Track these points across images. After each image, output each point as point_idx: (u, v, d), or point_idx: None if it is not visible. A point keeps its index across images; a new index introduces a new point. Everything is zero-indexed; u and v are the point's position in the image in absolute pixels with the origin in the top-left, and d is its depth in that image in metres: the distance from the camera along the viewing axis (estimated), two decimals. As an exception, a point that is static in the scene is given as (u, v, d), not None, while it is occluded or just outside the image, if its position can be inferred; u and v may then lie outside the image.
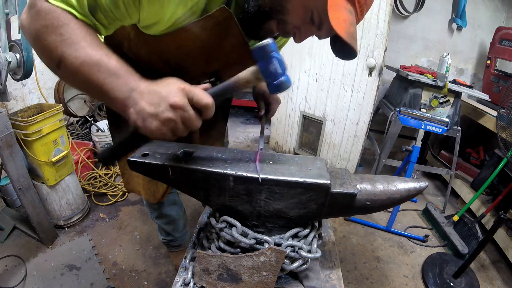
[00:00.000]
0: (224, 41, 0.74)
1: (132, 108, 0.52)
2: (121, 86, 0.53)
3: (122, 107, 0.53)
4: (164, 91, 0.51)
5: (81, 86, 0.57)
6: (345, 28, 0.59)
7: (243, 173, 0.64)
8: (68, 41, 0.52)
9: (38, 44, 0.54)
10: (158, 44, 0.74)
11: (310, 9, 0.63)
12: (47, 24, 0.52)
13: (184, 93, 0.51)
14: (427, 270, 1.72)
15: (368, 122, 2.26)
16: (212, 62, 0.82)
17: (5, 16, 1.34)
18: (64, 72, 0.55)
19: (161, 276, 1.61)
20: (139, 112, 0.51)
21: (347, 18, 0.60)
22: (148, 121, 0.51)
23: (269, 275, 0.68)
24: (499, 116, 1.74)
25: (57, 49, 0.52)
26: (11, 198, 1.92)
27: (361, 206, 0.71)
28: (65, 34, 0.52)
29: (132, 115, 0.52)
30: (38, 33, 0.53)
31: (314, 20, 0.65)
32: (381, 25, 2.01)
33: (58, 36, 0.52)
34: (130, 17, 0.61)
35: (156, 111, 0.50)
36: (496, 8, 2.65)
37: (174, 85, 0.52)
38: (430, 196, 2.55)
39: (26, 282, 1.49)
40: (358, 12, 0.64)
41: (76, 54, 0.52)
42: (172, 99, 0.50)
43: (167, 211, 1.34)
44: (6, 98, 1.42)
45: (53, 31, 0.52)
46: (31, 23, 0.53)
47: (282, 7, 0.64)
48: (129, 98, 0.52)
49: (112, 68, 0.53)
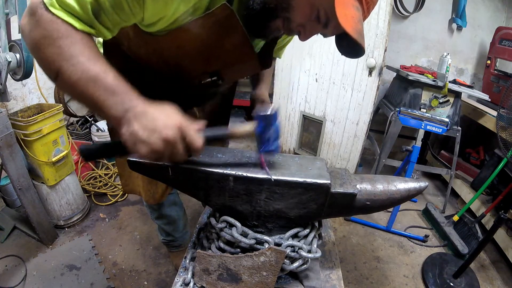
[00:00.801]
0: (225, 40, 0.72)
1: (125, 128, 0.53)
2: (117, 104, 0.53)
3: (117, 124, 0.54)
4: (162, 121, 0.52)
5: (77, 99, 0.58)
6: (353, 25, 0.58)
7: (243, 173, 0.64)
8: (66, 55, 0.52)
9: (37, 55, 0.54)
10: (158, 44, 0.73)
11: (316, 7, 0.62)
12: (46, 35, 0.51)
13: (179, 130, 0.52)
14: (427, 270, 1.72)
15: (368, 122, 2.26)
16: (212, 62, 0.81)
17: (5, 16, 1.34)
18: (61, 84, 0.55)
19: (161, 276, 1.61)
20: (131, 134, 0.52)
21: (355, 15, 0.60)
22: (138, 145, 0.52)
23: (269, 275, 0.68)
24: (499, 116, 1.74)
25: (54, 62, 0.52)
26: (11, 198, 1.92)
27: (361, 206, 0.71)
28: (64, 47, 0.52)
29: (124, 135, 0.53)
30: (37, 44, 0.52)
31: (320, 18, 0.64)
32: (381, 25, 2.01)
33: (57, 49, 0.52)
34: (134, 17, 0.60)
35: (148, 139, 0.51)
36: (496, 8, 2.65)
37: (172, 118, 0.53)
38: (430, 196, 2.55)
39: (26, 282, 1.49)
40: (365, 9, 0.63)
41: (73, 69, 0.52)
42: (167, 133, 0.51)
43: (167, 212, 1.34)
44: (6, 98, 1.42)
45: (52, 43, 0.51)
46: (31, 32, 0.53)
47: (288, 4, 0.63)
48: (124, 118, 0.53)
49: (108, 85, 0.53)
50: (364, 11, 0.64)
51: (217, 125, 0.63)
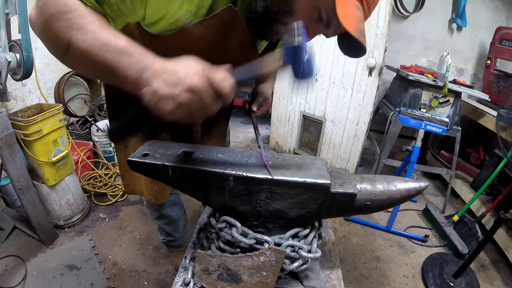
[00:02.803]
0: (229, 40, 0.73)
1: (146, 88, 0.49)
2: (132, 65, 0.50)
3: (134, 86, 0.51)
4: (183, 71, 0.48)
5: (90, 70, 0.56)
6: (354, 25, 0.58)
7: (243, 173, 0.64)
8: (75, 25, 0.51)
9: (47, 33, 0.53)
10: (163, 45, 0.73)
11: (318, 7, 0.63)
12: (55, 12, 0.51)
13: (204, 76, 0.48)
14: (427, 270, 1.72)
15: (368, 122, 2.26)
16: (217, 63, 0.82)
17: (5, 16, 1.34)
18: (73, 57, 0.54)
19: (161, 276, 1.61)
20: (154, 92, 0.48)
21: (356, 14, 0.60)
22: (163, 102, 0.48)
23: (269, 275, 0.68)
24: (499, 116, 1.74)
25: (64, 34, 0.51)
26: (11, 198, 1.92)
27: (361, 206, 0.71)
28: (72, 19, 0.51)
29: (146, 95, 0.49)
30: (46, 22, 0.52)
31: (322, 18, 0.64)
32: (381, 25, 2.01)
33: (66, 22, 0.51)
34: (135, 12, 0.60)
35: (172, 92, 0.47)
36: (496, 8, 2.65)
37: (193, 67, 0.49)
38: (430, 196, 2.55)
39: (26, 282, 1.49)
40: (366, 8, 0.64)
41: (84, 37, 0.51)
42: (191, 82, 0.47)
43: (168, 212, 1.34)
44: (6, 98, 1.42)
45: (61, 17, 0.51)
46: (40, 14, 0.53)
47: (290, 7, 0.63)
48: (141, 77, 0.50)
49: (121, 47, 0.51)
50: (365, 10, 0.64)
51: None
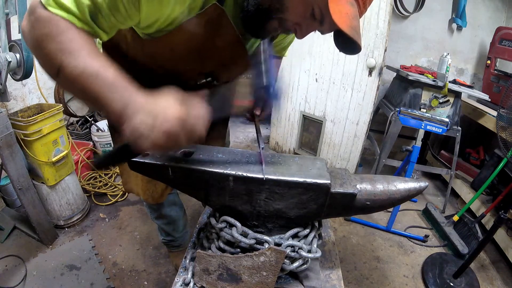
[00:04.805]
0: (216, 39, 0.73)
1: (127, 123, 0.52)
2: (117, 99, 0.53)
3: (117, 119, 0.53)
4: (161, 115, 0.51)
5: (78, 95, 0.57)
6: (347, 22, 0.57)
7: (243, 173, 0.64)
8: (67, 49, 0.52)
9: (39, 52, 0.54)
10: (153, 48, 0.74)
11: (310, 4, 0.62)
12: (46, 33, 0.51)
13: (180, 119, 0.51)
14: (427, 270, 1.72)
15: (368, 122, 2.26)
16: (206, 62, 0.82)
17: (5, 16, 1.34)
18: (63, 80, 0.55)
19: (161, 276, 1.61)
20: (133, 130, 0.51)
21: (349, 11, 0.59)
22: (141, 139, 0.51)
23: (269, 275, 0.68)
24: (499, 116, 1.74)
25: (56, 57, 0.52)
26: (11, 198, 1.92)
27: (361, 206, 0.71)
28: (64, 42, 0.52)
29: (127, 130, 0.52)
30: (38, 41, 0.53)
31: (315, 15, 0.64)
32: (381, 25, 2.01)
33: (58, 44, 0.52)
34: (130, 18, 0.61)
35: (149, 133, 0.50)
36: (496, 8, 2.65)
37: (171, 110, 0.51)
38: (430, 196, 2.55)
39: (26, 282, 1.49)
40: (361, 4, 0.63)
41: (75, 63, 0.52)
42: (167, 127, 0.50)
43: (167, 212, 1.34)
44: (6, 98, 1.42)
45: (53, 39, 0.52)
46: (31, 31, 0.53)
47: (282, 4, 0.63)
48: (124, 113, 0.52)
49: (109, 80, 0.52)
50: (360, 6, 0.63)
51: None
